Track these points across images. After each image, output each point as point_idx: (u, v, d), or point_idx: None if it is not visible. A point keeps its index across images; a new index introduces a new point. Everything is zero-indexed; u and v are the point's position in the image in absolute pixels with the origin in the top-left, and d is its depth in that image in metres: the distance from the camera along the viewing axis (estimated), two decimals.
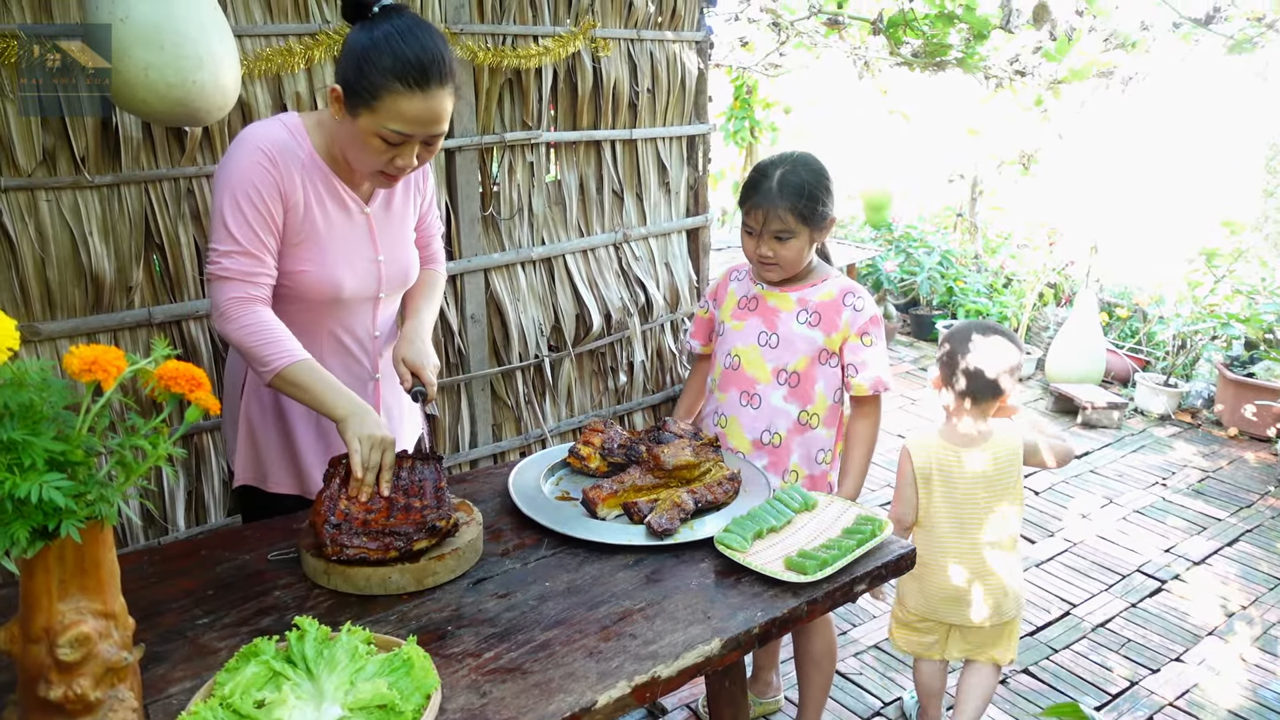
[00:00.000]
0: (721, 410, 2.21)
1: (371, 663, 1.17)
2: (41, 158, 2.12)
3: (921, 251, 6.58)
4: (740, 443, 2.17)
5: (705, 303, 2.35)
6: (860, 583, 1.58)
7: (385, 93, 1.53)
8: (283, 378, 1.57)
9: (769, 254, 2.07)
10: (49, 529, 0.93)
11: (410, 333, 1.85)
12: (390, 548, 1.45)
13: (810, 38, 5.94)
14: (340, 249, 1.72)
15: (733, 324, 2.19)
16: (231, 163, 1.61)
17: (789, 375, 2.12)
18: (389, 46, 1.52)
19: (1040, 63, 5.16)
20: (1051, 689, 2.75)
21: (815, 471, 2.18)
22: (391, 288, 1.85)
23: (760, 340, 2.14)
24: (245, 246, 1.60)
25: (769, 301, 2.16)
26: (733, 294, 2.25)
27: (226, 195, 1.60)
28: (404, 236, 1.87)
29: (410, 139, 1.58)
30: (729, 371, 2.19)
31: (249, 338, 1.58)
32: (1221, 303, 5.19)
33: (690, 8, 3.33)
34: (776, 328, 2.13)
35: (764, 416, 2.14)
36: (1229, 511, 3.95)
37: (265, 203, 1.61)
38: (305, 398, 1.59)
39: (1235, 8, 4.55)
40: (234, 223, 1.59)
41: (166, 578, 1.50)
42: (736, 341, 2.17)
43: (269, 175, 1.61)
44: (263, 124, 1.68)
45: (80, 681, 1.00)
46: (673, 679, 1.32)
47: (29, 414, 0.95)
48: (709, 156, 3.60)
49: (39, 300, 2.18)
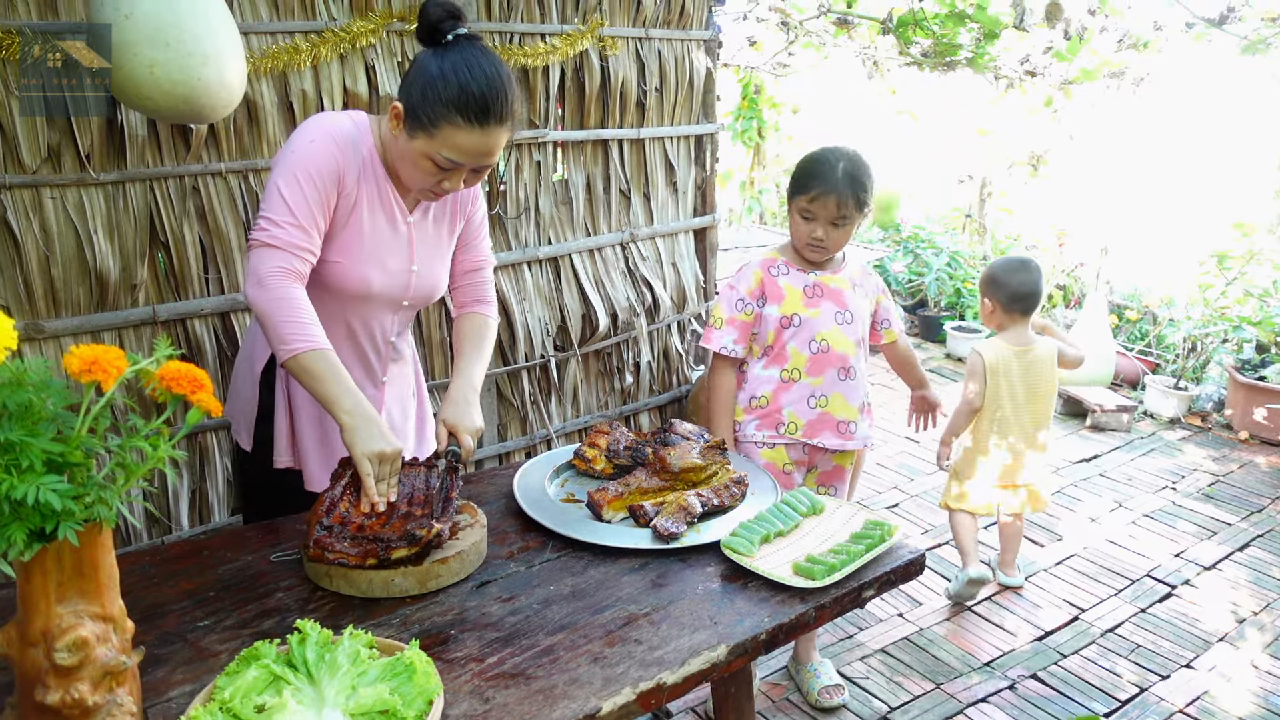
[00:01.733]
0: (819, 393, 2.35)
1: (373, 667, 1.15)
2: (46, 155, 2.11)
3: (929, 252, 6.55)
4: (848, 412, 2.37)
5: (747, 305, 2.34)
6: (869, 588, 1.56)
7: (445, 123, 1.55)
8: (299, 361, 1.55)
9: (822, 237, 2.26)
10: (46, 531, 0.92)
11: (456, 393, 1.80)
12: (369, 554, 1.44)
13: (819, 37, 5.92)
14: (376, 250, 1.73)
15: (809, 313, 2.32)
16: (298, 142, 1.62)
17: (862, 342, 2.41)
18: (456, 78, 1.54)
19: (1051, 63, 5.13)
20: (1060, 695, 2.72)
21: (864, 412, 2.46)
22: (418, 298, 1.84)
23: (838, 320, 2.34)
24: (299, 220, 1.59)
25: (831, 285, 2.35)
26: (790, 287, 2.34)
27: (287, 171, 1.59)
28: (440, 253, 1.86)
29: (460, 167, 1.61)
30: (818, 356, 2.32)
31: (279, 311, 1.56)
32: (1233, 305, 5.15)
33: (699, 6, 3.32)
34: (847, 305, 2.35)
35: (860, 384, 2.39)
36: (1240, 516, 3.91)
37: (325, 185, 1.61)
38: (315, 388, 1.57)
39: (1249, 8, 4.51)
40: (291, 196, 1.58)
41: (168, 578, 1.49)
42: (820, 327, 2.32)
43: (334, 161, 1.62)
44: (331, 115, 1.70)
45: (78, 686, 0.99)
46: (678, 685, 1.30)
47: (27, 414, 0.93)
48: (717, 156, 3.58)
49: (43, 298, 2.17)
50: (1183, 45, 5.02)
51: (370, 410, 1.57)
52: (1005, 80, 5.35)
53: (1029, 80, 5.29)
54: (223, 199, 2.36)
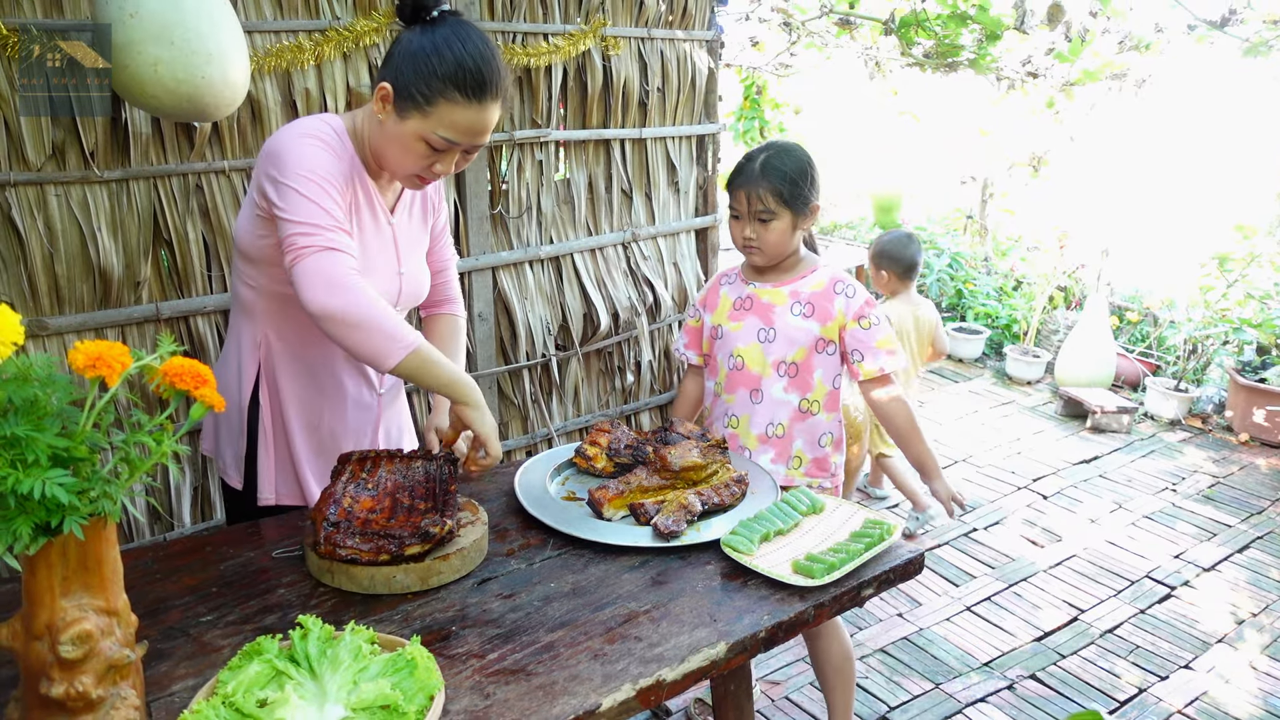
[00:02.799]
0: (731, 411, 2.22)
1: (375, 663, 1.16)
2: (51, 152, 2.12)
3: (931, 254, 6.55)
4: (748, 439, 2.19)
5: (695, 311, 2.33)
6: (868, 586, 1.56)
7: (441, 100, 1.50)
8: (418, 355, 1.50)
9: (752, 236, 2.11)
10: (52, 525, 0.93)
11: (441, 403, 1.80)
12: (383, 550, 1.45)
13: (821, 38, 5.92)
14: (367, 257, 1.66)
15: (730, 325, 2.20)
16: (297, 151, 1.52)
17: (788, 366, 2.15)
18: (451, 52, 1.48)
19: (1053, 64, 5.13)
20: (1059, 695, 2.73)
21: (818, 454, 2.20)
22: (407, 302, 1.80)
23: (760, 337, 2.17)
24: (339, 221, 1.51)
25: (763, 299, 2.18)
26: (725, 297, 2.26)
27: (301, 178, 1.49)
28: (421, 252, 1.83)
29: (455, 147, 1.55)
30: (734, 373, 2.20)
31: (381, 312, 1.47)
32: (1234, 307, 5.15)
33: (701, 7, 3.32)
34: (773, 322, 2.15)
35: (766, 409, 2.17)
36: (1239, 518, 3.92)
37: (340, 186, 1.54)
38: (433, 378, 1.54)
39: (1251, 10, 4.52)
40: (324, 201, 1.49)
41: (170, 574, 1.50)
42: (737, 342, 2.19)
43: (338, 164, 1.55)
44: (312, 121, 1.60)
45: (82, 679, 1.00)
46: (678, 682, 1.30)
47: (33, 409, 0.94)
48: (718, 156, 3.59)
49: (47, 295, 2.18)
50: (1184, 47, 5.02)
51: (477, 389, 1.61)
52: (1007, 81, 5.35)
53: (1031, 81, 5.30)
54: (226, 197, 2.37)
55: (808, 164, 2.12)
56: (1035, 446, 4.65)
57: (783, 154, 2.10)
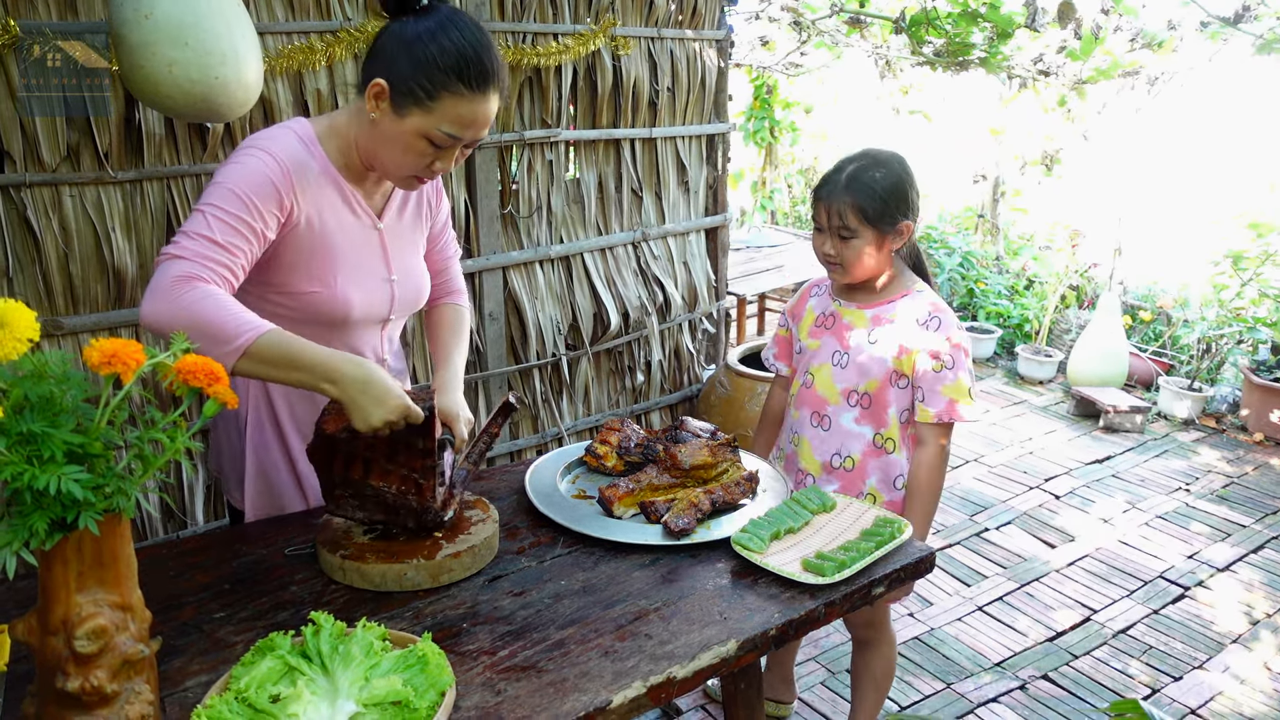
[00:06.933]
0: (795, 428, 2.12)
1: (386, 659, 1.17)
2: (65, 153, 2.14)
3: (942, 253, 6.53)
4: (810, 464, 2.08)
5: (784, 321, 2.24)
6: (879, 585, 1.56)
7: (445, 92, 1.42)
8: (257, 351, 1.33)
9: (832, 253, 1.97)
10: (67, 521, 0.94)
11: (443, 383, 1.72)
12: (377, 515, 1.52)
13: (831, 37, 5.91)
14: (352, 266, 1.59)
15: (809, 343, 2.09)
16: (235, 165, 1.44)
17: (860, 397, 2.01)
18: (450, 42, 1.40)
19: (1064, 62, 5.11)
20: (1072, 695, 2.72)
21: (894, 496, 2.06)
22: (403, 309, 1.72)
23: (834, 360, 2.03)
24: (216, 237, 1.37)
25: (844, 319, 2.04)
26: (811, 311, 2.14)
27: (216, 191, 1.41)
28: (415, 254, 1.74)
29: (457, 142, 1.48)
30: (804, 390, 2.09)
31: (202, 313, 1.31)
32: (1248, 306, 5.11)
33: (711, 6, 3.32)
34: (848, 346, 2.01)
35: (834, 439, 2.04)
36: (1254, 518, 3.89)
37: (258, 213, 1.42)
38: (285, 375, 1.36)
39: (1265, 6, 4.48)
40: (214, 214, 1.38)
41: (184, 571, 1.51)
42: (813, 361, 2.07)
43: (273, 188, 1.44)
44: (272, 133, 1.51)
45: (97, 673, 1.01)
46: (688, 680, 1.31)
47: (49, 406, 0.95)
48: (728, 156, 3.59)
49: (62, 294, 2.20)
50: (1197, 44, 4.99)
51: (353, 369, 1.37)
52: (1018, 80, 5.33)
53: (1042, 80, 5.27)
54: None
55: (902, 178, 1.93)
56: (1047, 446, 4.63)
57: (872, 165, 1.93)
